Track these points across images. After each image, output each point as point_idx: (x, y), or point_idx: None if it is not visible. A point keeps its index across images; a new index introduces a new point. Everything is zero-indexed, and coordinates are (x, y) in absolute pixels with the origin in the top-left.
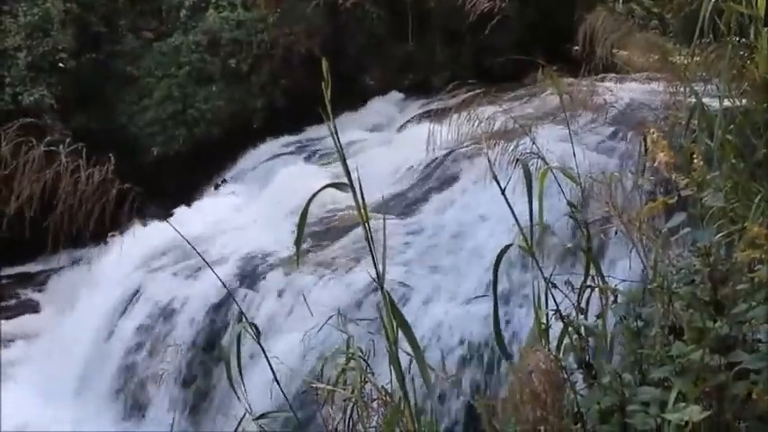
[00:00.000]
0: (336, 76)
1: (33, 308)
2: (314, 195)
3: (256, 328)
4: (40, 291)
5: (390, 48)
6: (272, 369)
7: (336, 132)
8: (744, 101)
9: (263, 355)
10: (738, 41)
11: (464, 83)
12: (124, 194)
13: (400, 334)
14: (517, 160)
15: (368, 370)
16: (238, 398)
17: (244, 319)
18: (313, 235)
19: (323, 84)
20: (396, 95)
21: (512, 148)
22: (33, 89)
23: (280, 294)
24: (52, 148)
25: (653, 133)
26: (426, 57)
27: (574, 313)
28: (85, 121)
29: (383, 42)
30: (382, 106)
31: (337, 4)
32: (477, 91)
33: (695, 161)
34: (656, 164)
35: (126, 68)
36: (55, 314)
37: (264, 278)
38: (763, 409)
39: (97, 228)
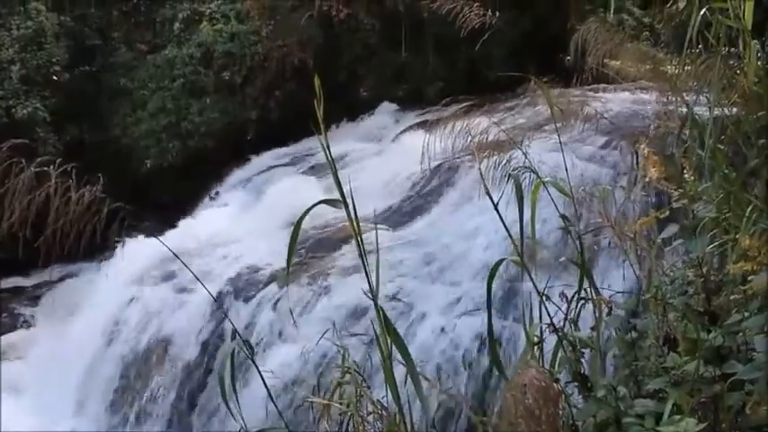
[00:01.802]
0: (330, 87)
1: (28, 322)
2: (305, 213)
3: (250, 346)
4: (34, 305)
5: (384, 58)
6: (266, 386)
7: (329, 147)
8: (734, 110)
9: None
10: (728, 52)
11: (458, 96)
12: (115, 212)
13: (395, 348)
14: (509, 175)
15: (363, 383)
16: (233, 416)
17: (237, 337)
18: (309, 246)
19: (315, 101)
20: (390, 106)
21: (504, 160)
22: (27, 102)
23: (275, 307)
24: (44, 168)
25: (644, 148)
26: (420, 67)
27: (567, 325)
28: (79, 133)
29: (377, 53)
30: (376, 117)
31: (330, 16)
32: (471, 102)
33: (686, 173)
34: (647, 179)
35: (120, 81)
36: (50, 329)
37: (260, 291)
38: (759, 419)
39: (89, 244)
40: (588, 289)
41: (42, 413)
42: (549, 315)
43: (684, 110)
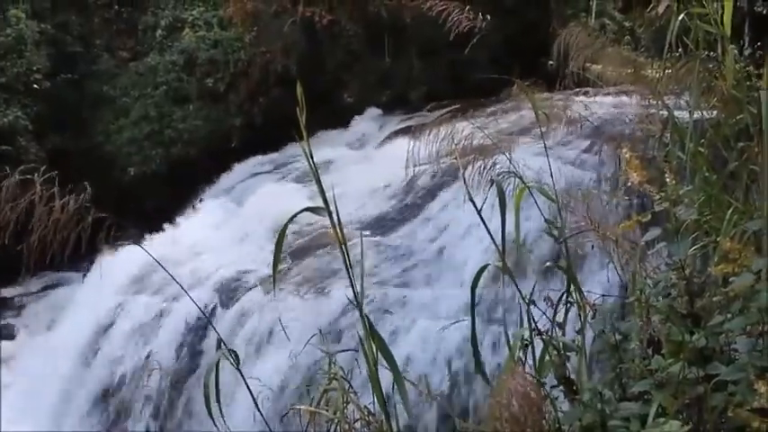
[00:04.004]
0: (314, 93)
1: (9, 332)
2: (290, 220)
3: (236, 355)
4: (15, 315)
5: (367, 64)
6: (252, 395)
7: (311, 154)
8: (713, 114)
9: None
10: (707, 56)
11: (442, 101)
12: (100, 221)
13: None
14: (492, 181)
15: (350, 390)
16: (217, 428)
17: (222, 346)
18: (293, 253)
19: (297, 109)
20: (374, 111)
21: (488, 165)
22: (7, 111)
23: (260, 314)
24: (27, 176)
25: (626, 153)
26: (403, 72)
27: (552, 330)
28: (61, 141)
29: (360, 59)
30: (360, 123)
31: (313, 22)
32: (455, 107)
33: (668, 177)
34: (629, 182)
35: (102, 89)
36: (31, 339)
37: (245, 298)
38: (742, 420)
39: (73, 253)
40: (573, 292)
41: (21, 424)
42: (533, 320)
43: (665, 113)
